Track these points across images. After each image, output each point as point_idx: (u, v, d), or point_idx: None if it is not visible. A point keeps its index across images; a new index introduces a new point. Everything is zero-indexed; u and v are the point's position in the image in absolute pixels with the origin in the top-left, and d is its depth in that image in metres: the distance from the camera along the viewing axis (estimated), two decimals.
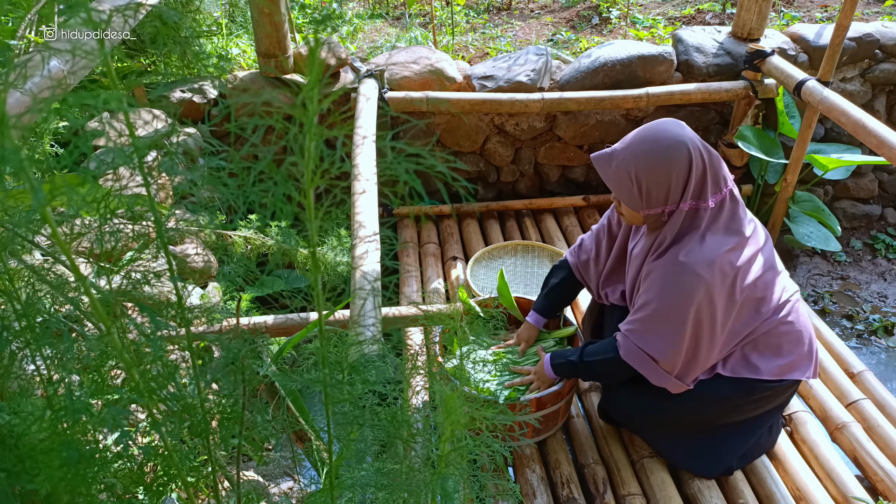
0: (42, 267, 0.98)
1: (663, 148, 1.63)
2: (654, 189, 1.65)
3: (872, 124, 2.38)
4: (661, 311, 1.69)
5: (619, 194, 1.71)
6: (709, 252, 1.64)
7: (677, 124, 1.68)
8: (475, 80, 3.20)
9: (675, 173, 1.63)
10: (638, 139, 1.66)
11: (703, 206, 1.66)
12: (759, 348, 1.78)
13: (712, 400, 1.81)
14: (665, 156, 1.62)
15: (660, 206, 1.67)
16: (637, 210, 1.71)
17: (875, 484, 1.95)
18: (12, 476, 0.91)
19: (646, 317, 1.71)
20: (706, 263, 1.63)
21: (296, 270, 2.94)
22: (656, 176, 1.63)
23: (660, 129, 1.66)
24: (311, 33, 0.63)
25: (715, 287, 1.63)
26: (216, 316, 1.75)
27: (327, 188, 0.77)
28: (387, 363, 1.11)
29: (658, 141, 1.64)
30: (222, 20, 3.42)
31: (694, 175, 1.63)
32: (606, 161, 1.70)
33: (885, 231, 3.64)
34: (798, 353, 1.81)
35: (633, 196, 1.68)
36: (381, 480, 1.05)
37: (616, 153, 1.69)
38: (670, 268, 1.67)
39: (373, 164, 2.29)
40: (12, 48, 1.73)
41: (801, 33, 3.33)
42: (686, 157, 1.62)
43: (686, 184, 1.64)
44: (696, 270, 1.63)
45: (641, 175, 1.64)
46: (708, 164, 1.65)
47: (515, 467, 2.03)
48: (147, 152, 0.79)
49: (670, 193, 1.65)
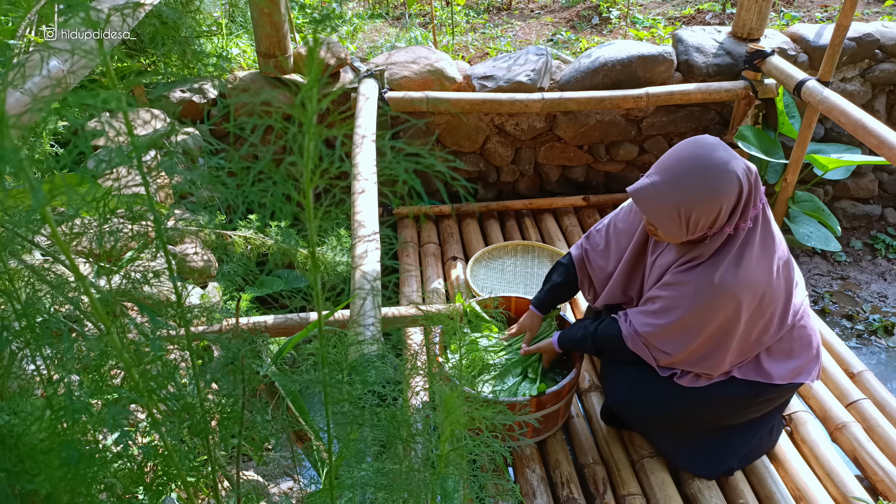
0: (42, 267, 0.98)
1: (713, 179, 1.53)
2: (702, 219, 1.57)
3: (872, 124, 2.38)
4: (685, 322, 1.67)
5: (660, 226, 1.61)
6: (744, 274, 1.61)
7: (719, 146, 1.57)
8: (475, 80, 3.20)
9: (726, 202, 1.55)
10: (683, 169, 1.55)
11: (743, 226, 1.61)
12: (772, 353, 1.78)
13: (718, 402, 1.81)
14: (715, 188, 1.53)
15: (703, 231, 1.60)
16: (678, 238, 1.63)
17: (875, 484, 1.95)
18: (12, 476, 0.90)
19: (667, 324, 1.70)
20: (740, 285, 1.60)
21: (296, 270, 2.94)
22: (706, 209, 1.54)
23: (705, 158, 1.54)
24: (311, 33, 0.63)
25: (744, 306, 1.63)
26: (216, 316, 1.75)
27: (327, 188, 0.77)
28: (386, 363, 1.11)
29: (706, 172, 1.53)
30: (222, 20, 3.42)
31: (742, 199, 1.57)
32: (650, 197, 1.58)
33: (885, 231, 3.64)
34: (807, 357, 1.81)
35: (678, 227, 1.59)
36: (380, 480, 1.05)
37: (658, 187, 1.57)
38: (705, 288, 1.62)
39: (372, 164, 2.29)
40: (12, 48, 1.73)
41: (801, 33, 3.33)
42: (736, 186, 1.54)
43: (734, 210, 1.58)
44: (732, 291, 1.60)
45: (691, 209, 1.54)
46: (753, 185, 1.58)
47: (515, 467, 2.03)
48: (146, 152, 0.79)
49: (717, 220, 1.58)
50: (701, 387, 1.79)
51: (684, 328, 1.69)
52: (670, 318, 1.69)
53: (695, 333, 1.68)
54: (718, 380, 1.79)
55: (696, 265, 1.66)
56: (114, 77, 0.75)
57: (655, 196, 1.57)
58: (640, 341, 1.78)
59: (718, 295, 1.62)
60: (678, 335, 1.71)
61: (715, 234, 1.62)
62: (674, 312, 1.69)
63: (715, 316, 1.64)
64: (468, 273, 2.74)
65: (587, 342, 1.90)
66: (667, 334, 1.72)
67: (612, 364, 2.02)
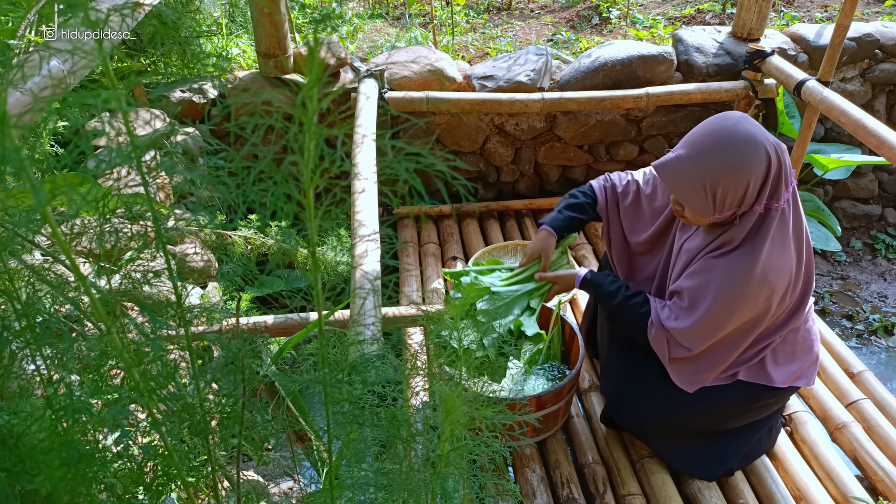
0: (42, 267, 0.98)
1: (740, 152, 1.47)
2: (730, 195, 1.51)
3: (872, 124, 2.38)
4: (712, 314, 1.58)
5: (687, 203, 1.56)
6: (778, 261, 1.55)
7: (745, 119, 1.51)
8: (475, 80, 3.20)
9: (754, 176, 1.49)
10: (709, 143, 1.50)
11: (776, 207, 1.54)
12: (776, 356, 1.76)
13: (718, 406, 1.80)
14: (742, 160, 1.47)
15: (732, 209, 1.54)
16: (706, 217, 1.56)
17: (875, 484, 1.95)
18: (12, 476, 0.90)
19: (696, 321, 1.60)
20: (775, 274, 1.54)
21: (296, 270, 2.94)
22: (733, 182, 1.48)
23: (732, 130, 1.49)
24: (311, 33, 0.63)
25: (776, 293, 1.56)
26: (216, 316, 1.75)
27: (327, 187, 0.77)
28: (386, 363, 1.11)
29: (733, 145, 1.48)
30: (222, 20, 3.42)
31: (771, 175, 1.50)
32: (675, 171, 1.53)
33: (885, 231, 3.64)
34: (807, 361, 1.80)
35: (704, 205, 1.53)
36: (380, 480, 1.05)
37: (684, 161, 1.52)
38: (740, 277, 1.54)
39: (373, 164, 2.29)
40: (12, 48, 1.73)
41: (801, 33, 3.33)
42: (765, 159, 1.48)
43: (763, 186, 1.51)
44: (767, 279, 1.53)
45: (718, 183, 1.49)
46: (783, 160, 1.51)
47: (515, 467, 2.03)
48: (146, 151, 0.79)
49: (746, 197, 1.51)
50: (699, 393, 1.77)
51: (711, 320, 1.58)
52: (701, 309, 1.59)
53: (721, 326, 1.59)
54: (719, 383, 1.78)
55: (730, 251, 1.57)
56: (113, 77, 0.75)
57: (680, 170, 1.52)
58: (663, 335, 1.68)
59: (754, 283, 1.53)
60: (705, 328, 1.61)
61: (745, 215, 1.55)
62: (702, 304, 1.58)
63: (746, 305, 1.55)
64: None
65: (612, 300, 1.77)
66: (695, 330, 1.62)
67: (609, 370, 2.02)
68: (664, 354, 1.72)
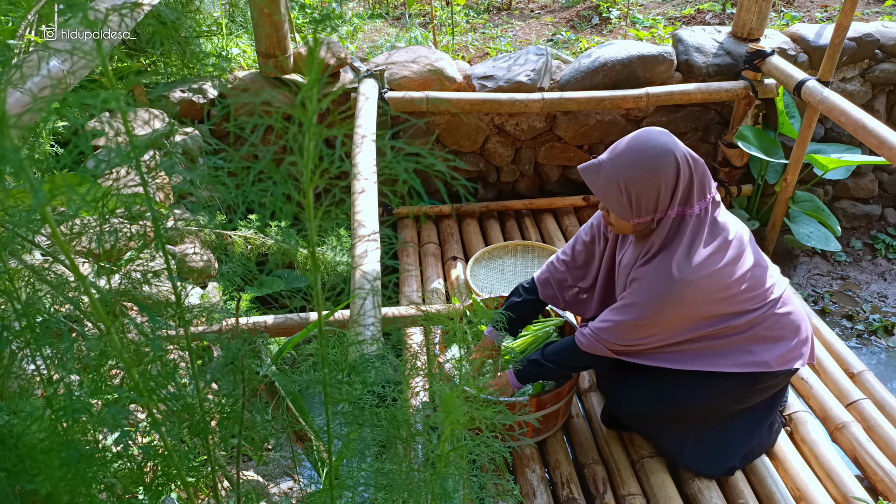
0: (42, 267, 0.98)
1: (651, 157, 1.64)
2: (644, 198, 1.65)
3: (872, 124, 2.38)
4: (643, 318, 1.71)
5: (608, 204, 1.72)
6: (697, 261, 1.66)
7: (663, 133, 1.69)
8: (475, 80, 3.20)
9: (664, 181, 1.64)
10: (625, 149, 1.67)
11: (689, 213, 1.68)
12: (762, 341, 1.79)
13: (715, 391, 1.82)
14: (653, 164, 1.63)
15: (649, 214, 1.68)
16: (626, 219, 1.71)
17: (875, 484, 1.95)
18: (12, 476, 0.90)
19: (625, 322, 1.73)
20: (695, 274, 1.65)
21: (296, 270, 2.94)
22: (645, 184, 1.64)
23: (646, 139, 1.67)
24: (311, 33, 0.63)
25: (701, 293, 1.67)
26: (216, 316, 1.75)
27: (327, 187, 0.77)
28: (386, 363, 1.11)
29: (645, 150, 1.65)
30: (222, 20, 3.42)
31: (682, 182, 1.65)
32: (594, 172, 1.71)
33: (885, 231, 3.63)
34: (796, 340, 1.83)
35: (622, 205, 1.68)
36: (380, 480, 1.05)
37: (603, 164, 1.69)
38: (661, 280, 1.67)
39: (372, 164, 2.29)
40: (12, 48, 1.73)
41: (801, 33, 3.33)
42: (673, 165, 1.64)
43: (674, 191, 1.66)
44: (687, 279, 1.65)
45: (630, 184, 1.65)
46: (694, 170, 1.67)
47: (515, 467, 2.03)
48: (145, 151, 0.79)
49: (659, 201, 1.66)
50: (697, 379, 1.80)
51: (644, 325, 1.72)
52: (630, 313, 1.72)
53: (652, 326, 1.72)
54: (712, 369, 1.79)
55: (651, 257, 1.71)
56: (112, 77, 0.75)
57: (599, 171, 1.69)
58: (592, 338, 1.79)
59: (675, 285, 1.65)
60: (635, 329, 1.73)
61: (661, 221, 1.68)
62: (634, 309, 1.72)
63: (671, 307, 1.68)
64: (468, 273, 2.74)
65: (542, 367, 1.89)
66: (623, 330, 1.74)
67: (604, 367, 2.02)
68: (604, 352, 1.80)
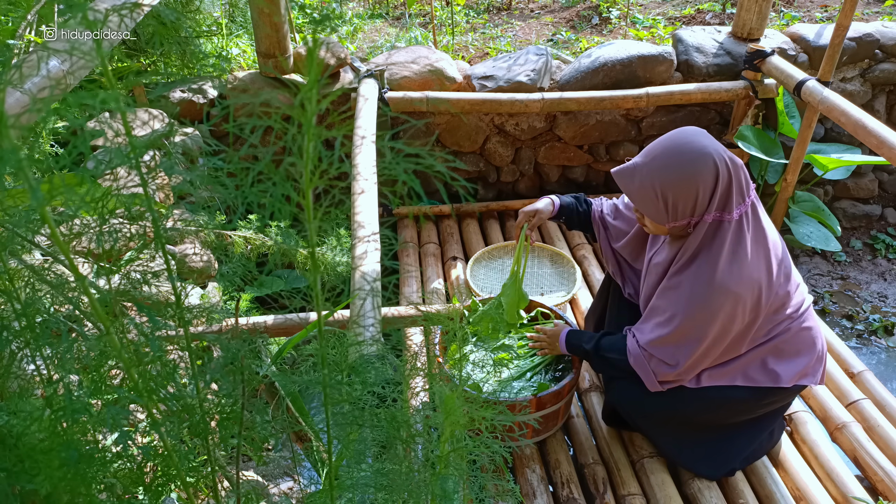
0: (42, 267, 0.98)
1: (688, 160, 1.58)
2: (681, 202, 1.60)
3: (872, 124, 2.38)
4: (686, 327, 1.66)
5: (643, 209, 1.67)
6: (738, 270, 1.61)
7: (700, 133, 1.63)
8: (475, 80, 3.20)
9: (702, 185, 1.58)
10: (661, 152, 1.61)
11: (728, 219, 1.62)
12: (779, 354, 1.77)
13: (723, 404, 1.80)
14: (691, 168, 1.57)
15: (686, 218, 1.63)
16: (662, 223, 1.67)
17: (875, 484, 1.95)
18: (12, 476, 0.90)
19: (670, 333, 1.69)
20: (737, 283, 1.60)
21: (295, 270, 2.94)
22: (683, 189, 1.58)
23: (684, 141, 1.61)
24: (311, 33, 0.63)
25: (743, 304, 1.63)
26: (215, 316, 1.75)
27: (326, 188, 0.77)
28: (386, 364, 1.11)
29: (683, 154, 1.59)
30: (222, 20, 3.42)
31: (720, 186, 1.59)
32: (629, 176, 1.65)
33: (885, 231, 3.63)
34: (811, 357, 1.80)
35: (658, 210, 1.63)
36: (380, 481, 1.05)
37: (639, 167, 1.63)
38: (702, 288, 1.63)
39: (372, 164, 2.29)
40: (12, 48, 1.73)
41: (801, 33, 3.33)
42: (713, 169, 1.58)
43: (712, 195, 1.60)
44: (729, 289, 1.60)
45: (667, 189, 1.59)
46: (733, 173, 1.61)
47: (515, 467, 2.03)
48: (144, 152, 0.79)
49: (697, 206, 1.61)
50: (706, 390, 1.78)
51: (687, 334, 1.67)
52: (673, 325, 1.68)
53: (698, 338, 1.67)
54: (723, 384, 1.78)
55: (689, 263, 1.67)
56: (112, 78, 0.75)
57: (634, 174, 1.64)
58: (641, 355, 1.76)
59: (717, 293, 1.61)
60: (680, 342, 1.69)
61: (698, 224, 1.64)
62: (676, 319, 1.67)
63: (716, 317, 1.63)
64: (468, 273, 2.74)
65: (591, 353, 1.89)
66: (670, 342, 1.71)
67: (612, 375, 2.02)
68: (650, 377, 1.77)
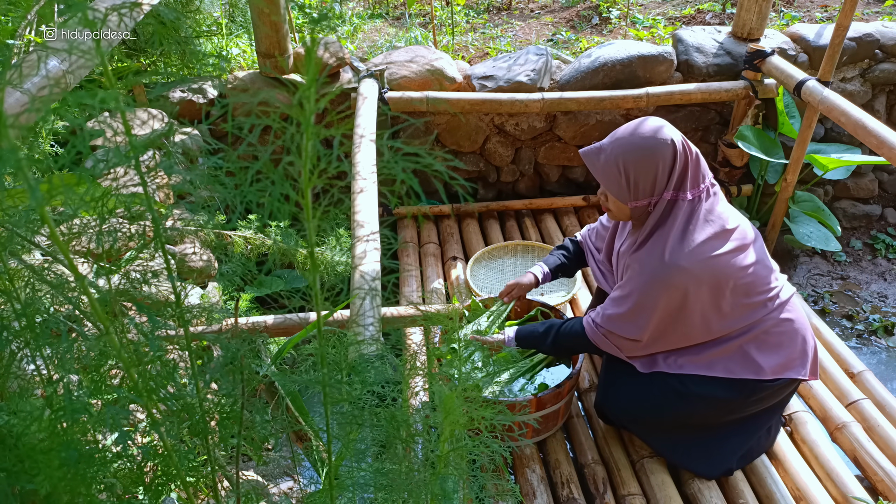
0: (42, 267, 0.98)
1: (650, 139, 1.70)
2: (641, 179, 1.70)
3: (872, 124, 2.38)
4: (640, 301, 1.74)
5: (607, 187, 1.77)
6: (689, 246, 1.69)
7: (661, 120, 1.75)
8: (475, 80, 3.20)
9: (661, 163, 1.69)
10: (625, 133, 1.73)
11: (682, 197, 1.72)
12: (759, 345, 1.78)
13: (710, 403, 1.81)
14: (653, 145, 1.69)
15: (646, 197, 1.73)
16: (625, 202, 1.75)
17: (875, 484, 1.95)
18: (12, 476, 0.90)
19: (625, 312, 1.77)
20: (688, 258, 1.68)
21: (295, 270, 2.94)
22: (644, 165, 1.69)
23: (646, 125, 1.73)
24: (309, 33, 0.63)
25: (696, 279, 1.68)
26: (215, 316, 1.75)
27: (326, 187, 0.77)
28: (386, 363, 1.11)
29: (645, 134, 1.71)
30: (222, 20, 3.42)
31: (678, 165, 1.70)
32: (595, 155, 1.76)
33: (885, 231, 3.63)
34: (795, 349, 1.81)
35: (621, 187, 1.73)
36: (380, 480, 1.05)
37: (604, 147, 1.75)
38: (654, 264, 1.71)
39: (372, 164, 2.29)
40: (11, 48, 1.73)
41: (801, 33, 3.33)
42: (671, 148, 1.69)
43: (671, 173, 1.70)
44: (679, 263, 1.68)
45: (630, 165, 1.70)
46: (691, 157, 1.72)
47: (515, 467, 2.03)
48: (144, 151, 0.79)
49: (656, 183, 1.71)
50: (690, 391, 1.79)
51: (642, 309, 1.74)
52: (628, 303, 1.76)
53: (650, 311, 1.74)
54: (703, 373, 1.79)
55: (644, 241, 1.76)
56: (111, 77, 0.75)
57: (600, 154, 1.75)
58: (600, 332, 1.83)
59: (669, 268, 1.68)
60: (634, 316, 1.76)
61: (657, 204, 1.73)
62: (631, 297, 1.75)
63: (668, 291, 1.70)
64: (468, 273, 2.74)
65: (546, 337, 1.93)
66: (623, 318, 1.78)
67: (605, 371, 2.02)
68: (615, 350, 1.85)
